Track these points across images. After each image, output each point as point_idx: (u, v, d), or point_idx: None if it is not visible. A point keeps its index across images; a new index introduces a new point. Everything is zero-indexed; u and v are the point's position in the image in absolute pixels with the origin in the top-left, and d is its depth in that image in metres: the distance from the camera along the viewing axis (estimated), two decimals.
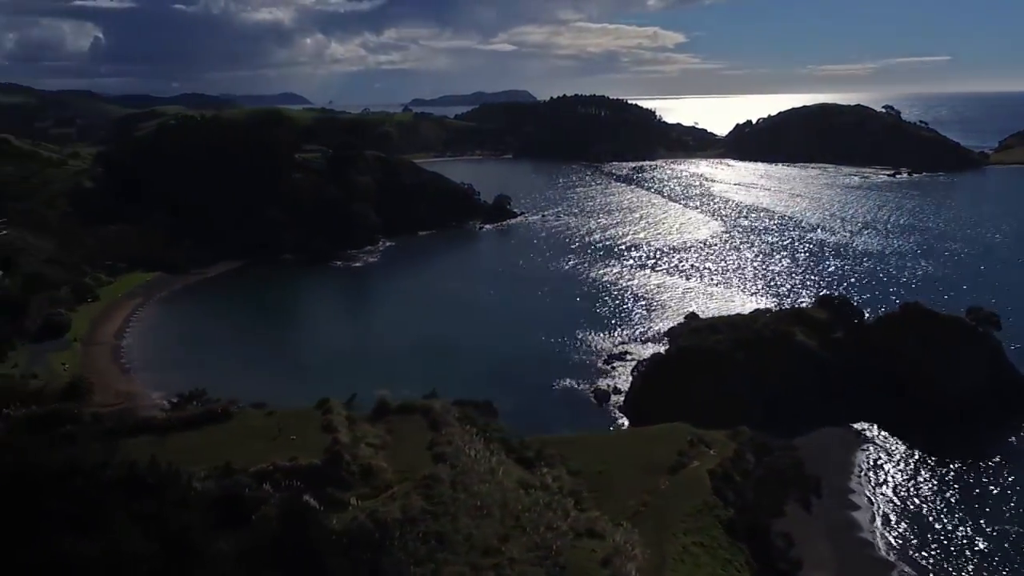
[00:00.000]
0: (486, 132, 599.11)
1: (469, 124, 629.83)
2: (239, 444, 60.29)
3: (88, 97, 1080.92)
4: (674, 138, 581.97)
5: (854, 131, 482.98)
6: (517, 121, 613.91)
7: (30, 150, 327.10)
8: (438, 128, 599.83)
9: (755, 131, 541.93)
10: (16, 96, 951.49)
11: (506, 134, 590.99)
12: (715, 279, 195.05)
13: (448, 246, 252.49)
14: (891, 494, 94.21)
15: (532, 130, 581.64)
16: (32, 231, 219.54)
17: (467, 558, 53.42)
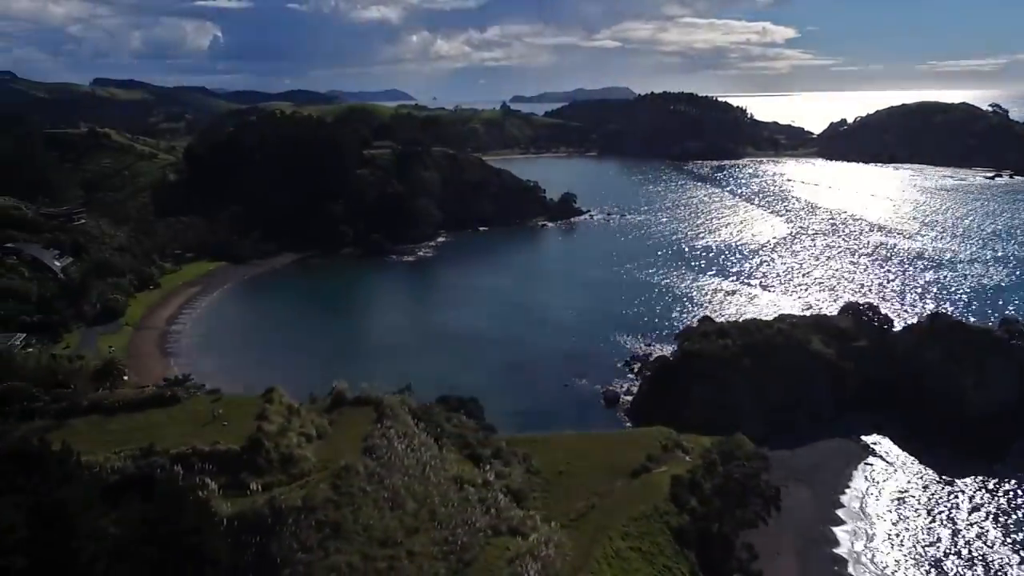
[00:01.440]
0: (572, 129, 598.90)
1: (556, 121, 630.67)
2: (172, 428, 63.61)
3: (201, 93, 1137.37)
4: (765, 137, 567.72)
5: (956, 131, 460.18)
6: (604, 118, 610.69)
7: (127, 144, 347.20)
8: (524, 125, 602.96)
9: (849, 130, 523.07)
10: (135, 92, 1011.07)
11: (592, 132, 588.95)
12: (762, 282, 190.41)
13: (505, 243, 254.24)
14: (884, 512, 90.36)
15: (618, 128, 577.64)
16: (111, 220, 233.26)
17: (361, 548, 54.97)
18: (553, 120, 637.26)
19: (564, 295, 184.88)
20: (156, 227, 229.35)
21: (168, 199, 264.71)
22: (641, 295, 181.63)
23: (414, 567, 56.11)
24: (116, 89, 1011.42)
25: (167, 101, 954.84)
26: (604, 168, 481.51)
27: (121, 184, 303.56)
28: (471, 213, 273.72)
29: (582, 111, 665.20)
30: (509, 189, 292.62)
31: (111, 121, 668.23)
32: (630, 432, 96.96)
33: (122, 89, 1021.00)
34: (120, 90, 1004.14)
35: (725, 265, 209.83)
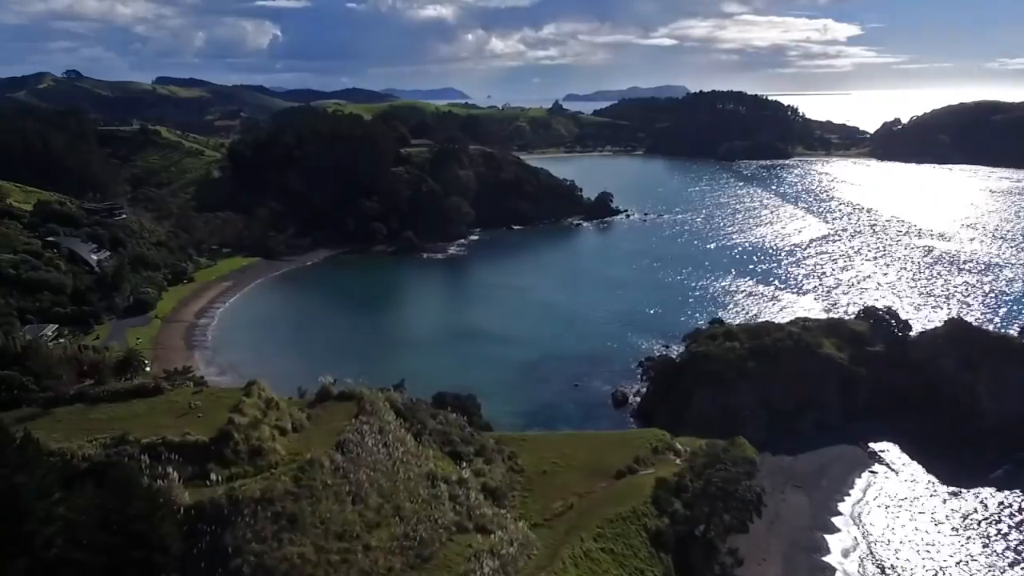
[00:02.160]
0: (620, 128, 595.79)
1: (604, 120, 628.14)
2: (149, 418, 65.28)
3: (259, 92, 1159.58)
4: (816, 136, 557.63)
5: (1015, 131, 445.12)
6: (652, 117, 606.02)
7: (176, 141, 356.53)
8: (571, 124, 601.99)
9: (904, 130, 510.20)
10: (195, 90, 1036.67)
11: (639, 130, 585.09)
12: (790, 284, 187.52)
13: (537, 242, 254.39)
14: (882, 521, 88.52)
15: (666, 126, 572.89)
16: (153, 215, 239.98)
17: (316, 541, 55.84)
18: (601, 119, 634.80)
19: (589, 294, 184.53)
20: (195, 222, 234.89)
21: (211, 195, 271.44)
22: (667, 296, 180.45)
23: (369, 561, 56.83)
24: (176, 87, 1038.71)
25: (225, 99, 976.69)
26: (649, 167, 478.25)
27: (168, 180, 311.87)
28: (506, 211, 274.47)
29: (631, 110, 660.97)
30: (545, 188, 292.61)
31: (170, 118, 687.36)
32: (623, 433, 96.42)
33: (182, 87, 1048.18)
34: (180, 88, 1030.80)
35: (756, 266, 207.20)
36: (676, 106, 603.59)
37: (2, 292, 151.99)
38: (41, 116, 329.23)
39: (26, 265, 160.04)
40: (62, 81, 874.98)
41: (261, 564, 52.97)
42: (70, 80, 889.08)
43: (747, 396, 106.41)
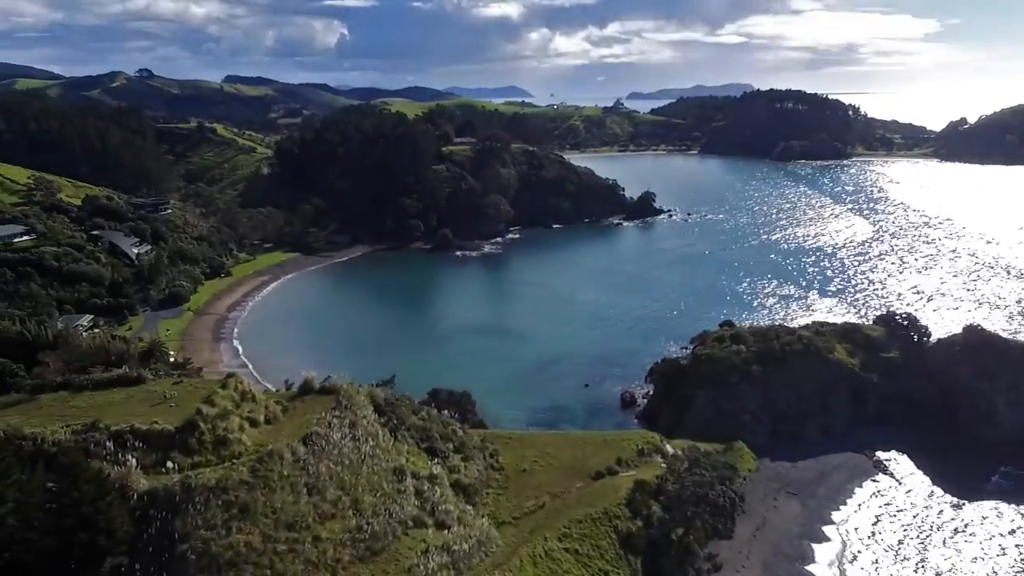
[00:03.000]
0: (674, 127, 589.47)
1: (659, 119, 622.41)
2: (125, 406, 67.72)
3: (323, 90, 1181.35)
4: (877, 136, 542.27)
5: None
6: (708, 116, 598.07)
7: (230, 138, 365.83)
8: (626, 123, 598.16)
9: (970, 129, 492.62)
10: (261, 89, 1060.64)
11: (694, 129, 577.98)
12: (821, 286, 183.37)
13: (574, 241, 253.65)
14: (877, 532, 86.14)
15: (722, 125, 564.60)
16: (201, 211, 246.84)
17: (265, 530, 57.30)
18: (656, 117, 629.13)
19: (616, 295, 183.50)
20: (239, 218, 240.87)
21: (259, 191, 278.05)
22: (695, 297, 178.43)
23: (317, 552, 58.10)
24: (243, 85, 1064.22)
25: (290, 97, 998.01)
26: (701, 167, 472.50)
27: (220, 176, 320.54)
28: (546, 210, 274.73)
29: (687, 108, 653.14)
30: (587, 187, 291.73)
31: (236, 116, 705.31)
32: (610, 434, 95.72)
33: (249, 85, 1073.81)
34: (247, 86, 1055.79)
35: (792, 269, 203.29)
36: (733, 105, 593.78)
37: (44, 283, 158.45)
38: (103, 114, 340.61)
39: (68, 257, 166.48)
40: (134, 80, 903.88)
41: (207, 551, 54.65)
42: (142, 79, 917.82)
43: (749, 400, 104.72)
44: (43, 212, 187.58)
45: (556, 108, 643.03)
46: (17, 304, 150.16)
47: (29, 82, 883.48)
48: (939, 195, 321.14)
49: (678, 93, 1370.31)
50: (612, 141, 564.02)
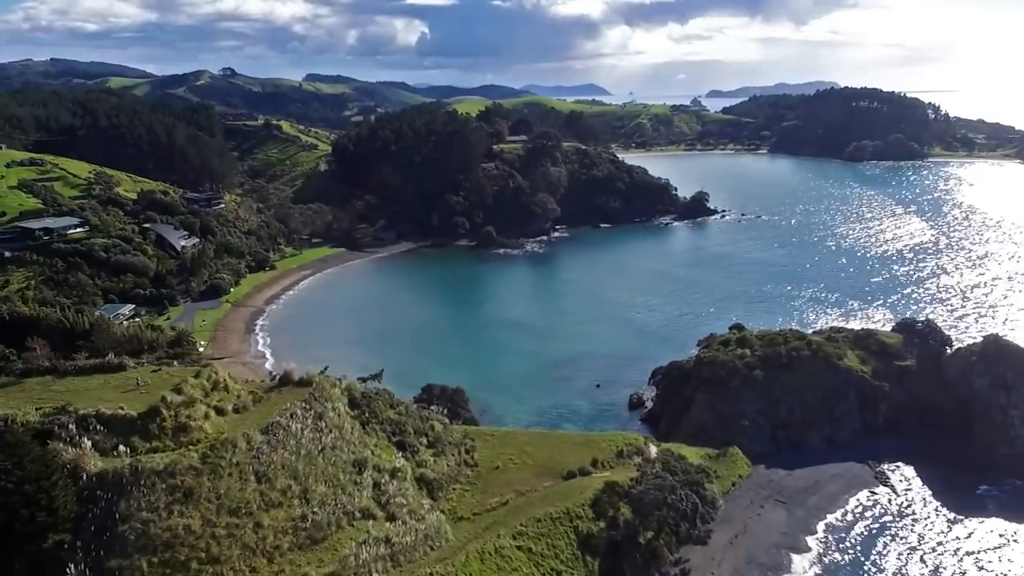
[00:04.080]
0: (743, 126, 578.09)
1: (728, 117, 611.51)
2: (100, 391, 70.98)
3: (400, 88, 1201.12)
4: (958, 136, 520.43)
5: None
6: (780, 114, 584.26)
7: (295, 135, 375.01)
8: (693, 121, 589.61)
9: None
10: (339, 87, 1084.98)
11: (764, 128, 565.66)
12: (868, 293, 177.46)
13: (619, 240, 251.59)
14: (862, 546, 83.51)
15: (794, 124, 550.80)
16: (256, 205, 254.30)
17: (206, 514, 59.47)
18: (726, 116, 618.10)
19: (650, 295, 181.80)
20: (291, 213, 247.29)
21: (316, 187, 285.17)
22: (730, 299, 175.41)
23: (256, 537, 59.99)
24: (322, 84, 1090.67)
25: (367, 95, 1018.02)
26: (768, 166, 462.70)
27: (282, 172, 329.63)
28: (595, 209, 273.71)
29: (760, 106, 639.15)
30: (639, 186, 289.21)
31: (313, 113, 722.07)
32: (594, 435, 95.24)
33: (327, 84, 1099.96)
34: (325, 84, 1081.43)
35: (834, 272, 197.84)
36: (806, 103, 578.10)
37: (92, 273, 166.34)
38: (176, 111, 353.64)
39: (116, 249, 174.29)
40: (217, 78, 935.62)
41: (145, 532, 57.09)
42: (225, 77, 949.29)
43: (749, 405, 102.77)
44: (99, 205, 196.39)
45: (624, 107, 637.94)
46: (65, 292, 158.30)
47: (121, 80, 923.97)
48: (1009, 199, 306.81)
49: (759, 91, 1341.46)
50: (679, 140, 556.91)
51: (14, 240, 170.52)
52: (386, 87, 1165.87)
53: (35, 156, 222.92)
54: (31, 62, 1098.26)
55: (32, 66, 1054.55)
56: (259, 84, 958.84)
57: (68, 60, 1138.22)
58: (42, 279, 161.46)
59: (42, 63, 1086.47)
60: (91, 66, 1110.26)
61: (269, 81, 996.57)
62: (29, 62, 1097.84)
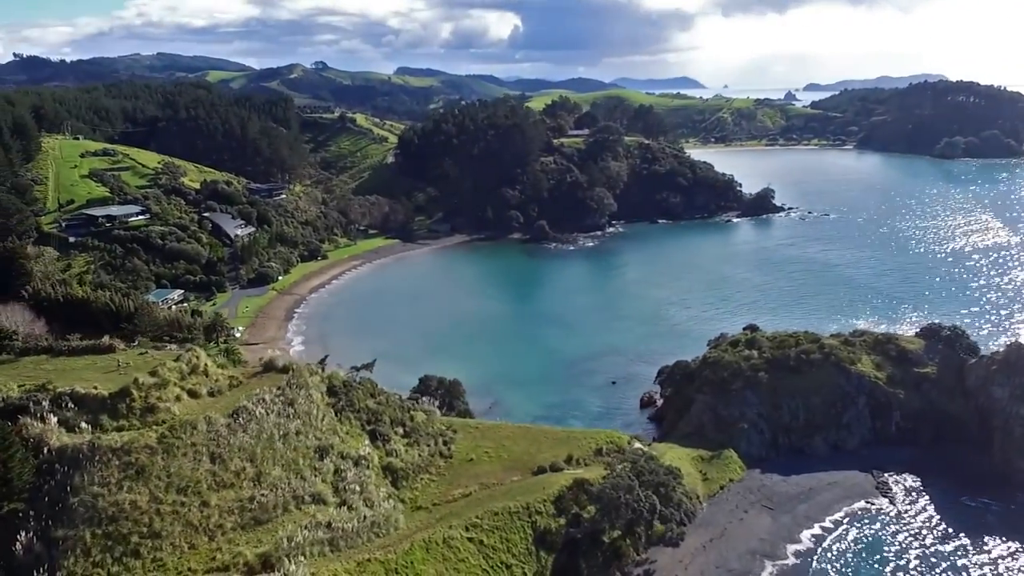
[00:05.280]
0: (829, 120, 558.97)
1: (815, 112, 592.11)
2: (84, 372, 75.11)
3: (488, 81, 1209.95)
4: None
5: None
6: (869, 109, 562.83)
7: (367, 128, 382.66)
8: (777, 116, 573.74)
9: None
10: (427, 80, 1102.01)
11: (852, 123, 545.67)
12: (911, 298, 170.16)
13: (676, 237, 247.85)
14: (845, 560, 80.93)
15: (882, 120, 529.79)
16: (322, 196, 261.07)
17: (154, 491, 62.46)
18: (812, 110, 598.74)
19: (690, 293, 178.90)
20: (352, 204, 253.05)
21: (381, 179, 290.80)
22: (769, 300, 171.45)
23: (201, 516, 62.66)
24: (411, 77, 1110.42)
25: (454, 88, 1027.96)
26: (850, 163, 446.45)
27: (352, 164, 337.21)
28: (654, 204, 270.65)
29: (849, 100, 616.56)
30: (701, 182, 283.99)
31: (398, 106, 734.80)
32: (577, 431, 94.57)
33: (416, 77, 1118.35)
34: (414, 78, 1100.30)
35: (895, 275, 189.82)
36: (897, 96, 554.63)
37: (148, 259, 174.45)
38: (255, 104, 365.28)
39: (172, 236, 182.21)
40: (310, 71, 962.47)
41: (94, 505, 60.45)
42: (317, 70, 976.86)
43: (750, 408, 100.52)
44: (163, 194, 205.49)
45: (705, 100, 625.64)
46: (121, 277, 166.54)
47: (219, 74, 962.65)
48: None
49: (860, 84, 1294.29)
50: (761, 135, 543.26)
51: (79, 226, 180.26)
52: (474, 80, 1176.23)
53: (108, 147, 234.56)
54: (139, 56, 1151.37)
55: (139, 60, 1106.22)
56: (349, 77, 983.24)
57: (173, 54, 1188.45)
58: (101, 264, 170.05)
59: (148, 57, 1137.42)
60: (194, 60, 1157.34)
61: (359, 74, 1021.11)
62: (137, 56, 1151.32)
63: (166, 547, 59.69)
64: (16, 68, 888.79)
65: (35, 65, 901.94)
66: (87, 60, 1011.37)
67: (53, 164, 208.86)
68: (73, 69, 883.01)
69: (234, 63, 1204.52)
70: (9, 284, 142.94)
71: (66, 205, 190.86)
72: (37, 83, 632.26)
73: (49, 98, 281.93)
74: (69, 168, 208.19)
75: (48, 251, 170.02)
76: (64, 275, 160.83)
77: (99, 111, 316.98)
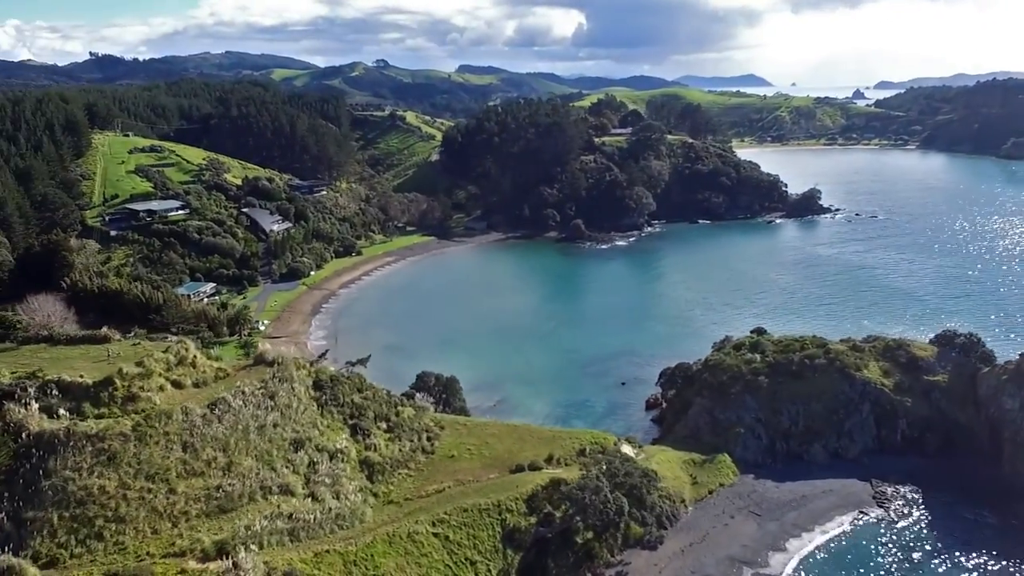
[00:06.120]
0: (891, 120, 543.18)
1: (877, 111, 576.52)
2: (76, 360, 78.09)
3: (547, 79, 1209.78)
4: None
5: None
6: (935, 108, 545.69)
7: (416, 125, 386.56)
8: (837, 115, 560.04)
9: None
10: (486, 77, 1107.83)
11: (915, 123, 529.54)
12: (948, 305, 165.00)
13: (714, 238, 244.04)
14: (826, 569, 79.41)
15: (947, 119, 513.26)
16: (362, 193, 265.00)
17: (124, 477, 64.70)
18: (875, 109, 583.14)
19: (717, 294, 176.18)
20: (392, 202, 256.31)
21: (425, 177, 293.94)
22: (799, 304, 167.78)
23: (167, 502, 64.67)
24: (471, 75, 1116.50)
25: (514, 86, 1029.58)
26: (910, 163, 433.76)
27: (399, 162, 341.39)
28: (695, 204, 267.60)
29: (914, 99, 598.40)
30: (745, 181, 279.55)
31: (456, 104, 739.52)
32: (563, 431, 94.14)
33: (476, 75, 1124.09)
34: (474, 76, 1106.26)
35: (929, 282, 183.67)
36: (964, 95, 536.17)
37: (183, 252, 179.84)
38: (307, 101, 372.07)
39: (208, 231, 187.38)
40: (371, 69, 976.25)
41: (64, 488, 62.95)
42: (378, 68, 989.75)
43: (748, 413, 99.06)
44: (204, 190, 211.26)
45: (764, 98, 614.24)
46: (157, 270, 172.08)
47: (284, 72, 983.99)
48: None
49: (935, 82, 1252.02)
50: (820, 134, 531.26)
51: (121, 220, 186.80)
52: (534, 78, 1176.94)
53: (156, 143, 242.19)
54: (208, 55, 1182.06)
55: (208, 59, 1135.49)
56: (409, 75, 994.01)
57: (240, 53, 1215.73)
58: (139, 257, 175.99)
59: (217, 56, 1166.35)
60: (261, 58, 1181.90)
61: (420, 72, 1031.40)
62: (207, 55, 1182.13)
63: (129, 531, 61.78)
64: (91, 67, 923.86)
65: (109, 64, 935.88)
66: (158, 59, 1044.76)
67: (101, 160, 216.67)
68: (144, 68, 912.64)
69: (299, 61, 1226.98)
70: (52, 275, 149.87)
71: (110, 200, 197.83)
72: (110, 81, 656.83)
73: (103, 95, 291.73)
74: (116, 164, 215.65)
75: (90, 244, 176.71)
76: (103, 267, 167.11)
77: (156, 108, 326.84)
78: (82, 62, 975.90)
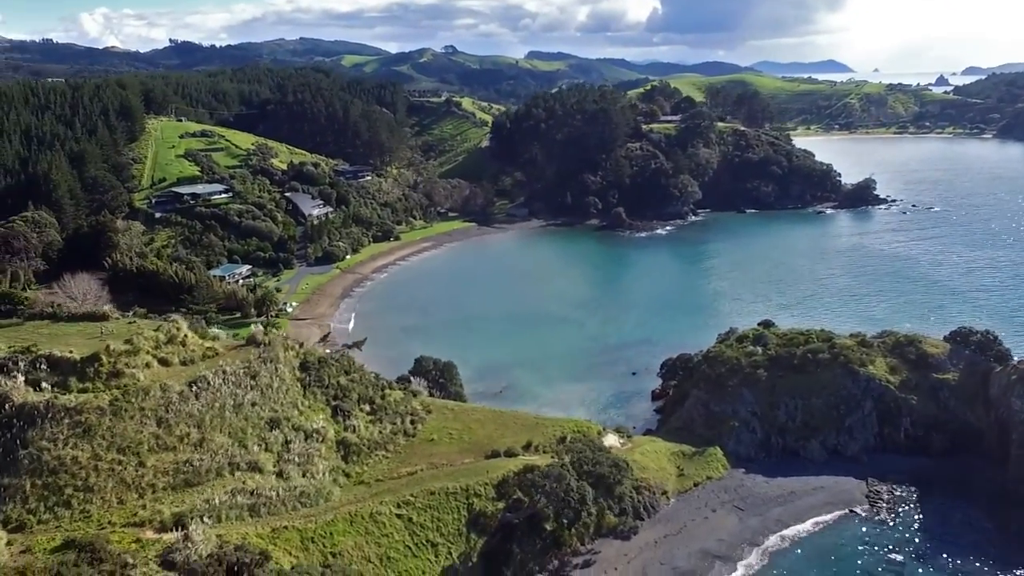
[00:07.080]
0: (968, 107, 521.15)
1: (953, 98, 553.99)
2: (72, 337, 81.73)
3: (617, 65, 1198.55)
4: None
5: None
6: (1016, 95, 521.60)
7: (471, 111, 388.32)
8: (909, 102, 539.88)
9: None
10: (555, 63, 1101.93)
11: (994, 110, 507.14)
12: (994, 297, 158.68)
13: (759, 228, 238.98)
14: (802, 567, 78.00)
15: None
16: (410, 178, 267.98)
17: (97, 449, 67.68)
18: (950, 97, 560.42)
19: (749, 286, 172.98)
20: (437, 187, 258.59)
21: (474, 163, 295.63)
22: (830, 297, 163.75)
23: (136, 475, 67.45)
24: (539, 61, 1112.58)
25: (582, 72, 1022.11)
26: (982, 152, 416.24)
27: (451, 148, 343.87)
28: (743, 193, 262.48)
29: (994, 86, 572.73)
30: (796, 171, 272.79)
31: (521, 90, 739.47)
32: (547, 419, 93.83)
33: (544, 61, 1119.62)
34: (542, 62, 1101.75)
35: (974, 277, 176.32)
36: None
37: (223, 235, 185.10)
38: (365, 88, 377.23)
39: (248, 215, 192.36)
40: (440, 55, 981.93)
41: (39, 458, 66.22)
42: (446, 55, 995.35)
43: (744, 406, 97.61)
44: (250, 175, 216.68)
45: (834, 85, 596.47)
46: (197, 251, 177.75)
47: (354, 58, 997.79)
48: None
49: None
50: (891, 122, 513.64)
51: (166, 203, 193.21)
52: (603, 64, 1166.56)
53: (208, 128, 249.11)
54: (283, 41, 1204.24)
55: (283, 45, 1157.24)
56: (477, 61, 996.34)
57: (314, 39, 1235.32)
58: (181, 239, 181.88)
59: (292, 42, 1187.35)
60: (334, 44, 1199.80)
61: (488, 58, 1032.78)
62: (281, 41, 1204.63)
63: (96, 500, 64.68)
64: (170, 53, 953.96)
65: (188, 50, 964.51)
66: (235, 45, 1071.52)
67: (153, 144, 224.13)
68: (220, 54, 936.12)
69: (371, 47, 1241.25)
70: (97, 254, 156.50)
71: (158, 183, 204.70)
72: (187, 67, 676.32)
73: (164, 82, 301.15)
74: (167, 148, 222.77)
75: (135, 225, 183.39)
76: (146, 248, 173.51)
77: (218, 94, 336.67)
78: (162, 49, 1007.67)
